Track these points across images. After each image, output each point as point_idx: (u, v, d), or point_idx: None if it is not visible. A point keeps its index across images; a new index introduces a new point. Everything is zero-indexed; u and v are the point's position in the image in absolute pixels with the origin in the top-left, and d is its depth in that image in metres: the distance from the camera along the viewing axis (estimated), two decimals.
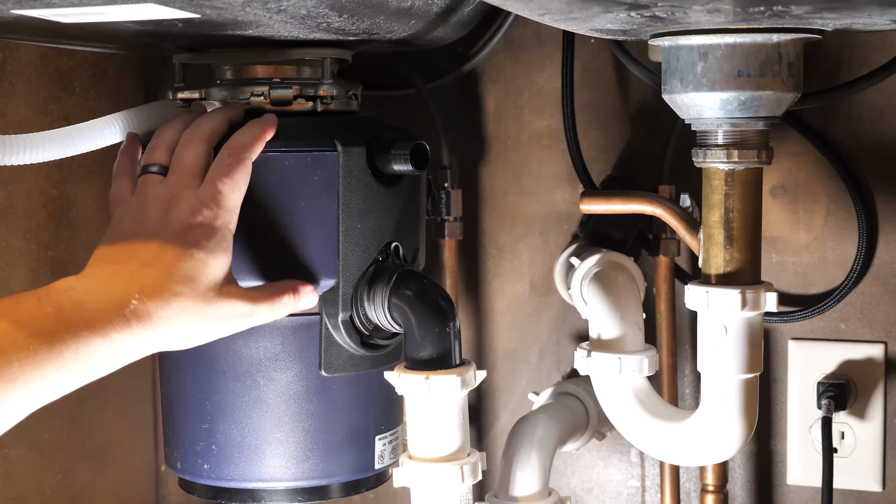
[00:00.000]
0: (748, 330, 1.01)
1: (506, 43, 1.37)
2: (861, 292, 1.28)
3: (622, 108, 1.35)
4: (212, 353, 1.06)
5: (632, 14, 0.85)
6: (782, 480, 1.33)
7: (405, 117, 1.37)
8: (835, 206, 1.28)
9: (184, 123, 1.02)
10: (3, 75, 1.26)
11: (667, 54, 0.99)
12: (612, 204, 1.10)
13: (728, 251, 1.01)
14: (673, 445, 1.09)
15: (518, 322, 1.42)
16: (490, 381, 1.43)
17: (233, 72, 1.11)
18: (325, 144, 1.03)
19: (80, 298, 0.84)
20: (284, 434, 1.07)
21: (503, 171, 1.40)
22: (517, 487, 1.19)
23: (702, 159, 1.00)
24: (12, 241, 1.28)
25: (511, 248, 1.41)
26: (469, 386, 1.02)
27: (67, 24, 0.92)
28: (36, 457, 1.33)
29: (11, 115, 1.27)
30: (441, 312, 1.02)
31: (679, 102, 0.99)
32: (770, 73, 0.96)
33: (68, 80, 1.36)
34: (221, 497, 1.10)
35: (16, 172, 1.26)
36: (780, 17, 0.87)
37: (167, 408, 1.13)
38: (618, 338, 1.16)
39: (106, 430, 1.45)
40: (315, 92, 1.09)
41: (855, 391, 1.28)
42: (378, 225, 1.06)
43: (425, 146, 1.05)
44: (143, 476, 1.54)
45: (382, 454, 1.13)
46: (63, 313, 0.82)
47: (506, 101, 1.39)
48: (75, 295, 0.84)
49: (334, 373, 1.07)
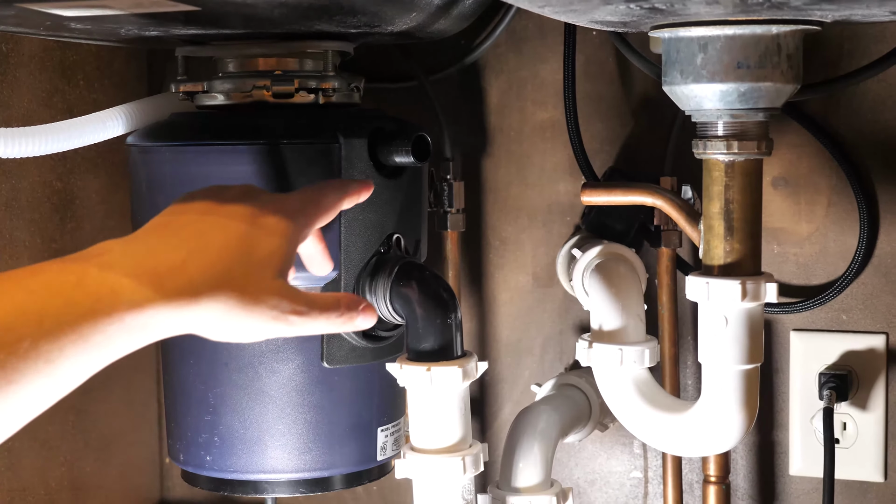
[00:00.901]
0: (748, 321, 1.01)
1: (508, 35, 1.37)
2: (862, 283, 1.28)
3: (624, 100, 1.35)
4: (214, 344, 1.06)
5: (631, 6, 0.86)
6: (784, 471, 1.34)
7: (408, 109, 1.37)
8: (836, 197, 1.28)
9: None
10: (7, 68, 1.26)
11: (667, 46, 0.99)
12: (613, 195, 1.10)
13: (728, 242, 1.01)
14: (674, 436, 1.09)
15: (521, 313, 1.42)
16: (493, 372, 1.43)
17: (235, 64, 1.12)
18: (327, 137, 1.04)
19: (114, 262, 0.75)
20: (287, 426, 1.08)
21: (506, 163, 1.40)
22: (519, 478, 1.19)
23: (702, 151, 1.01)
24: (17, 233, 1.29)
25: (514, 239, 1.41)
26: (470, 377, 1.02)
27: (71, 16, 0.92)
28: (40, 449, 1.34)
29: (15, 108, 1.28)
30: (442, 304, 1.02)
31: (679, 94, 1.00)
32: (769, 64, 0.96)
33: (72, 72, 1.36)
34: (224, 488, 1.11)
35: (20, 165, 1.27)
36: (780, 8, 0.87)
37: (170, 400, 1.14)
38: (619, 329, 1.16)
39: (110, 423, 1.46)
40: (317, 84, 1.10)
41: (857, 382, 1.28)
42: (380, 217, 1.07)
43: (427, 138, 1.06)
44: (147, 468, 1.54)
45: (385, 446, 1.13)
46: (86, 282, 0.72)
47: (508, 92, 1.39)
48: (110, 258, 0.75)
49: (336, 364, 1.08)
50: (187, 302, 0.76)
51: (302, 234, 0.88)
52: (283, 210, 0.86)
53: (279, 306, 0.82)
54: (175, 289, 0.76)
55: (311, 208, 0.89)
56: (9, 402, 0.67)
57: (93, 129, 1.09)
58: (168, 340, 1.11)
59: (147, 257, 0.77)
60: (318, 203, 0.90)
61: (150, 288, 0.74)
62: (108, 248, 0.77)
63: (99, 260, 0.75)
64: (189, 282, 0.77)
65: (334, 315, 0.86)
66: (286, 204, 0.87)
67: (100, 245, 0.77)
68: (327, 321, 0.86)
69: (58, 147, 1.06)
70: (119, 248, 0.77)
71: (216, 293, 0.78)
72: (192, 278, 0.77)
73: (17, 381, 0.67)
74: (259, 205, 0.85)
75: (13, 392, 0.67)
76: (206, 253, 0.79)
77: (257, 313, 0.81)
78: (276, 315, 0.82)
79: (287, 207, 0.87)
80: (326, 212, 0.91)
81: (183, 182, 1.03)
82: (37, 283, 0.71)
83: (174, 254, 0.78)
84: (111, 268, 0.74)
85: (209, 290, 0.77)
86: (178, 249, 0.78)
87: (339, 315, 0.86)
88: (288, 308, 0.82)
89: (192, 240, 0.80)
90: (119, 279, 0.73)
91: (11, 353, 0.67)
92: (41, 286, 0.71)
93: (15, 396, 0.67)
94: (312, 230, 0.90)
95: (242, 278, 0.80)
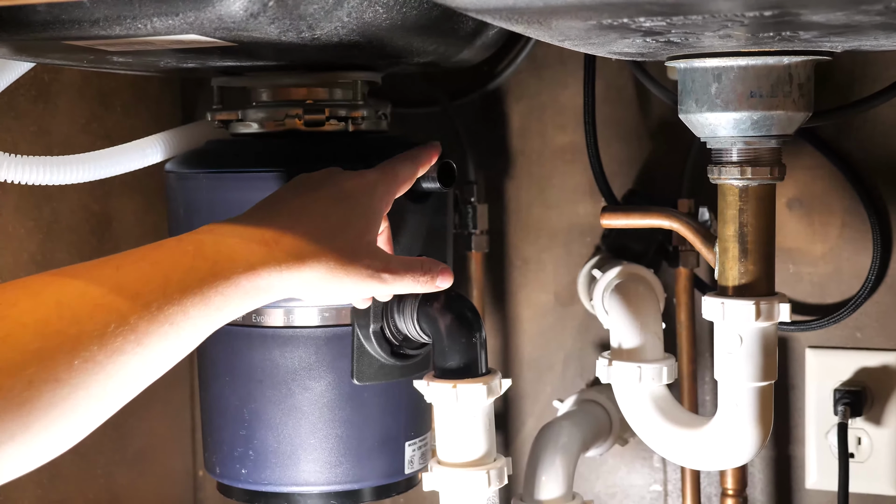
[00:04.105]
0: (762, 339, 1.03)
1: (529, 61, 1.40)
2: (876, 302, 1.30)
3: (642, 124, 1.38)
4: (249, 362, 1.10)
5: (647, 39, 0.88)
6: (801, 485, 1.35)
7: (432, 133, 1.39)
8: (849, 218, 1.30)
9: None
10: (48, 96, 1.30)
11: (682, 76, 1.02)
12: (631, 219, 1.12)
13: (743, 264, 1.03)
14: (691, 450, 1.11)
15: (543, 331, 1.44)
16: (516, 388, 1.45)
17: (268, 94, 1.14)
18: (357, 164, 1.06)
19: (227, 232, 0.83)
20: (318, 440, 1.10)
21: (528, 186, 1.43)
22: (542, 491, 1.22)
23: (717, 176, 1.03)
24: (57, 254, 1.33)
25: (536, 259, 1.44)
26: (495, 394, 1.04)
27: (113, 51, 0.96)
28: (79, 460, 1.37)
29: (55, 134, 1.32)
30: (468, 323, 1.04)
31: (694, 122, 1.02)
32: (781, 93, 0.98)
33: (109, 99, 1.40)
34: (258, 500, 1.13)
35: (59, 189, 1.30)
36: (790, 41, 0.90)
37: (206, 415, 1.16)
38: (637, 347, 1.18)
39: (146, 436, 1.48)
40: (347, 113, 1.13)
41: (871, 398, 1.30)
42: (408, 240, 1.10)
43: (452, 165, 1.08)
44: (181, 480, 1.57)
45: (412, 459, 1.15)
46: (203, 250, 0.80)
47: (530, 117, 1.42)
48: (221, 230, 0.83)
49: (366, 381, 1.10)
50: (296, 264, 0.84)
51: (385, 202, 0.97)
52: (366, 183, 0.95)
53: (373, 265, 0.91)
54: (284, 253, 0.84)
55: (389, 178, 0.98)
56: (139, 362, 0.74)
57: (132, 157, 1.13)
58: (205, 359, 1.15)
59: (257, 227, 0.85)
60: (395, 174, 0.99)
61: (263, 252, 0.83)
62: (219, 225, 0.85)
63: (213, 232, 0.83)
64: (296, 246, 0.85)
65: (419, 273, 0.95)
66: (367, 177, 0.96)
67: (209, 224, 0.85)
68: (413, 279, 0.95)
69: (100, 174, 1.10)
70: (228, 224, 0.85)
71: (319, 256, 0.86)
72: (297, 244, 0.85)
73: (145, 342, 0.74)
74: (345, 179, 0.94)
75: (143, 352, 0.74)
76: (308, 222, 0.88)
77: (354, 272, 0.89)
78: (371, 273, 0.91)
79: (369, 180, 0.96)
80: (405, 181, 1.00)
81: (220, 207, 1.07)
82: (159, 255, 0.78)
83: (280, 223, 0.86)
84: (225, 236, 0.82)
85: (313, 254, 0.86)
86: (283, 219, 0.87)
87: (422, 274, 0.96)
88: (380, 266, 0.92)
89: (294, 212, 0.88)
90: (233, 245, 0.82)
91: (141, 318, 0.73)
92: (164, 256, 0.78)
93: (144, 356, 0.74)
94: (394, 198, 0.98)
95: (341, 242, 0.88)
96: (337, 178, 0.95)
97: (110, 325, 0.71)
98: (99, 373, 0.70)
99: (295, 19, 0.85)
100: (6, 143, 1.24)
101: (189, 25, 0.82)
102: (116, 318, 0.72)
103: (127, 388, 0.73)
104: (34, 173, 1.05)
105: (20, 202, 1.28)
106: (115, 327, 0.71)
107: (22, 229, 1.28)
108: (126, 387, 0.73)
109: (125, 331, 0.72)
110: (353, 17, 0.88)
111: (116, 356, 0.71)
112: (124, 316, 0.72)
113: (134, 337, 0.72)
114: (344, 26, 0.89)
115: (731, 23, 0.79)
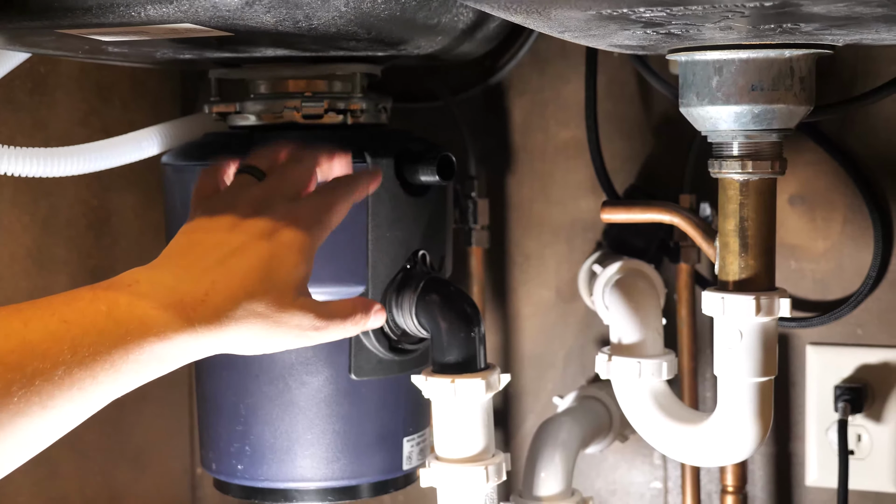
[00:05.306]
0: (762, 335, 1.02)
1: (532, 56, 1.40)
2: (877, 298, 1.30)
3: (644, 120, 1.37)
4: (246, 357, 1.10)
5: (648, 31, 0.88)
6: (800, 482, 1.35)
7: (433, 128, 1.40)
8: (851, 214, 1.30)
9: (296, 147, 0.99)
10: (45, 89, 1.29)
11: (683, 69, 1.02)
12: (632, 213, 1.12)
13: (743, 259, 1.03)
14: (690, 447, 1.10)
15: (544, 328, 1.44)
16: (517, 384, 1.45)
17: (266, 86, 1.14)
18: (355, 156, 1.06)
19: (143, 292, 0.78)
20: (315, 436, 1.10)
21: (529, 181, 1.42)
22: (541, 487, 1.21)
23: (717, 170, 1.03)
24: (54, 249, 1.32)
25: (537, 255, 1.43)
26: (493, 389, 1.04)
27: (108, 41, 0.96)
28: (78, 458, 1.37)
29: (53, 127, 1.31)
30: (466, 318, 1.04)
31: (695, 115, 1.02)
32: (782, 86, 0.98)
33: (108, 92, 1.39)
34: (255, 497, 1.13)
35: (57, 183, 1.29)
36: (791, 33, 0.90)
37: (203, 411, 1.16)
38: (637, 342, 1.17)
39: (145, 434, 1.48)
40: (345, 106, 1.12)
41: (871, 395, 1.30)
42: (406, 234, 1.09)
43: (451, 158, 1.08)
44: (179, 478, 1.57)
45: (410, 455, 1.15)
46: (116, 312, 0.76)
47: (532, 112, 1.42)
48: (138, 289, 0.78)
49: (364, 376, 1.10)
50: (214, 329, 0.80)
51: (318, 244, 0.91)
52: (299, 221, 0.89)
53: (301, 324, 0.86)
54: (201, 317, 0.79)
55: (324, 215, 0.92)
56: (42, 424, 0.71)
57: (129, 149, 1.13)
58: None
59: (173, 287, 0.80)
60: (330, 208, 0.93)
61: (178, 318, 0.78)
62: (137, 279, 0.80)
63: (129, 290, 0.78)
64: (214, 310, 0.80)
65: (349, 323, 0.91)
66: (301, 213, 0.90)
67: (129, 273, 0.81)
68: (343, 329, 0.90)
69: (95, 166, 1.10)
70: (146, 278, 0.80)
71: (241, 319, 0.82)
72: (217, 307, 0.81)
73: (50, 406, 0.71)
74: (277, 217, 0.88)
75: (47, 415, 0.71)
76: (230, 279, 0.82)
77: (281, 333, 0.85)
78: (299, 333, 0.87)
79: (302, 217, 0.90)
80: (340, 215, 0.94)
81: None
82: (71, 312, 0.74)
83: (199, 283, 0.81)
84: (140, 298, 0.78)
85: (234, 317, 0.81)
86: (202, 278, 0.82)
87: (354, 323, 0.91)
88: (309, 324, 0.87)
89: (215, 268, 0.83)
90: (147, 310, 0.77)
91: (47, 381, 0.71)
92: (75, 315, 0.74)
93: (48, 419, 0.72)
94: (327, 235, 0.93)
95: (265, 301, 0.83)
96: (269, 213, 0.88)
97: (13, 386, 0.69)
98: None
99: (291, 8, 0.85)
100: (2, 135, 1.24)
101: (183, 14, 0.82)
102: (20, 378, 0.69)
103: (29, 447, 0.72)
104: (28, 165, 1.04)
105: (16, 196, 1.27)
106: (18, 388, 0.69)
107: (18, 224, 1.28)
108: (28, 446, 0.72)
109: (28, 393, 0.70)
110: (350, 6, 0.88)
111: (19, 418, 0.69)
112: (29, 378, 0.70)
113: (38, 399, 0.70)
114: (341, 16, 0.89)
115: (732, 14, 0.79)
